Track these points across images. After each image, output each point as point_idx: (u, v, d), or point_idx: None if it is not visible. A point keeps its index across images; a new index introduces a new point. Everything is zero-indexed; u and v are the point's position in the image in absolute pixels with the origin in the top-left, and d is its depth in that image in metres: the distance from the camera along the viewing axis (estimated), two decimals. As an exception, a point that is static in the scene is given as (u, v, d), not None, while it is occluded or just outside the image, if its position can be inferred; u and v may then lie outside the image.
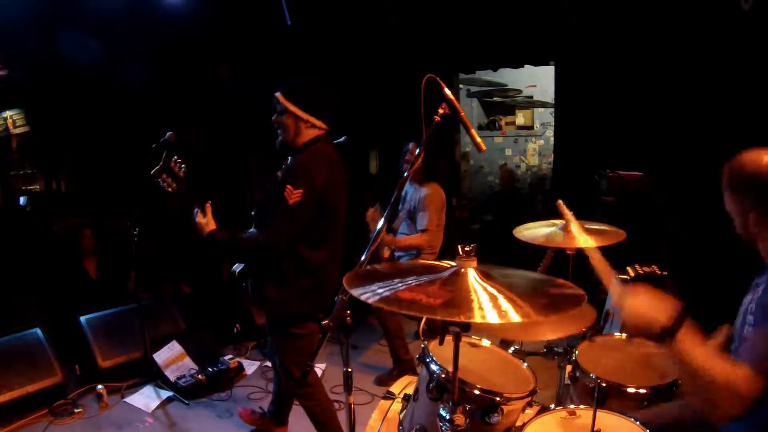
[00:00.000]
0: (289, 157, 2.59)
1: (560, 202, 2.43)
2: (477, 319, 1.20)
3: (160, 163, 2.47)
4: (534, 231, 2.49)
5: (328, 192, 2.47)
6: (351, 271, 1.47)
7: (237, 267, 2.70)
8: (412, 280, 1.38)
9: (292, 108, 2.47)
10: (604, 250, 2.04)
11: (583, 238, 2.37)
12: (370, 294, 1.30)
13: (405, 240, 3.88)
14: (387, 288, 1.33)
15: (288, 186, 2.37)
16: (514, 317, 1.22)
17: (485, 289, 1.33)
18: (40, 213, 4.84)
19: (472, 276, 1.38)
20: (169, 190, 2.48)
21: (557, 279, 1.51)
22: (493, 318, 1.21)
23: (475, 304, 1.25)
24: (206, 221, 2.50)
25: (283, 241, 2.42)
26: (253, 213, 2.67)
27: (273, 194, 2.44)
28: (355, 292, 1.33)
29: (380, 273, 1.48)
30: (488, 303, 1.26)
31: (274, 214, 2.42)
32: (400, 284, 1.35)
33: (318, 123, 2.52)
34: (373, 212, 3.76)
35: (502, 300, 1.28)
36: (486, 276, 1.39)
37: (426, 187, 3.88)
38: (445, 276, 1.40)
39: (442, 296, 1.28)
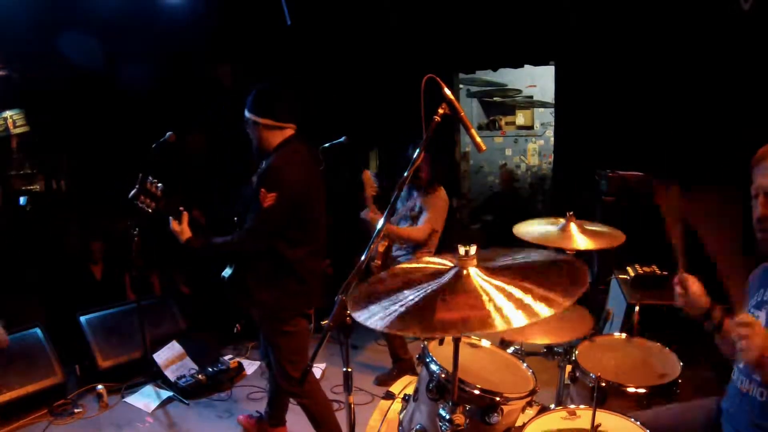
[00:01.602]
0: (263, 161, 2.66)
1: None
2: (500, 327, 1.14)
3: (137, 186, 2.55)
4: (534, 228, 2.49)
5: (301, 192, 2.56)
6: (354, 293, 1.44)
7: (226, 272, 2.76)
8: (417, 293, 1.32)
9: (253, 118, 2.60)
10: (604, 253, 2.04)
11: (582, 238, 2.38)
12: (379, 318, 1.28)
13: (404, 230, 3.83)
14: (394, 310, 1.29)
15: (262, 189, 2.48)
16: (544, 311, 1.16)
17: (501, 289, 1.27)
18: (40, 213, 4.84)
19: (475, 275, 1.34)
20: (149, 210, 2.58)
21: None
22: (521, 321, 1.15)
23: (493, 313, 1.18)
24: (181, 229, 2.60)
25: (256, 242, 2.54)
26: (236, 219, 2.76)
27: (250, 199, 2.56)
28: (366, 319, 1.29)
29: (381, 290, 1.42)
30: (508, 304, 1.20)
31: (250, 216, 2.54)
32: (403, 303, 1.30)
33: (283, 125, 2.61)
34: (369, 175, 3.81)
35: (521, 295, 1.22)
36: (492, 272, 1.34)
37: (432, 192, 3.87)
38: (451, 281, 1.35)
39: (457, 308, 1.22)
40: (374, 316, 1.29)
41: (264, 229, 2.51)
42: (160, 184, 2.60)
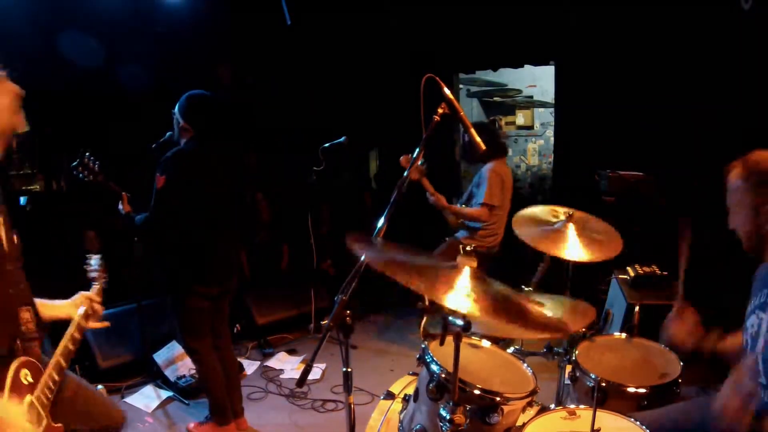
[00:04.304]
0: None
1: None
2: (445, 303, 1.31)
3: (78, 159, 3.01)
4: (533, 215, 2.49)
5: (192, 179, 2.87)
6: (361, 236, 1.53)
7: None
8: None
9: (176, 112, 2.99)
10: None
11: (580, 251, 2.30)
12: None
13: (462, 209, 3.81)
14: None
15: (156, 174, 2.83)
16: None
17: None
18: (40, 213, 4.84)
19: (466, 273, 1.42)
20: (86, 180, 3.00)
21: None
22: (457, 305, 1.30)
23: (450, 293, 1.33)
24: (122, 208, 3.06)
25: (157, 219, 2.86)
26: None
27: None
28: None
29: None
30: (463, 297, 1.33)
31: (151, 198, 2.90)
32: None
33: (187, 126, 2.96)
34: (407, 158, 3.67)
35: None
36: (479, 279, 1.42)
37: (488, 164, 3.83)
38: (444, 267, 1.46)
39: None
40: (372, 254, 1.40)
41: (158, 208, 2.83)
42: (97, 162, 3.01)
